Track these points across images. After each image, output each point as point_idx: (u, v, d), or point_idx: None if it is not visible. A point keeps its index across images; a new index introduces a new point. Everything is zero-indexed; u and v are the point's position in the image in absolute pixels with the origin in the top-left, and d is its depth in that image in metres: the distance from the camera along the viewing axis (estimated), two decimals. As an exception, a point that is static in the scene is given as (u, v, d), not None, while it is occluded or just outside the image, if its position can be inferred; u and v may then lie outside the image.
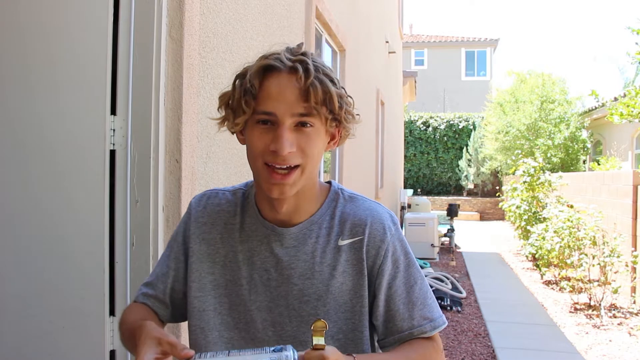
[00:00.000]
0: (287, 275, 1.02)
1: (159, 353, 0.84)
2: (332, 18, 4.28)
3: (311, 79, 0.91)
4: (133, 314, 1.05)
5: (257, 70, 0.94)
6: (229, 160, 2.13)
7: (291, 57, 0.94)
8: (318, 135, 0.96)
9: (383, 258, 1.03)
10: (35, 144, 1.67)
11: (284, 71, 0.93)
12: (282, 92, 0.92)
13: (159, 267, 1.11)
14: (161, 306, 1.09)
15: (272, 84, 0.93)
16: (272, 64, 0.93)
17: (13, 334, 1.66)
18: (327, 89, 0.92)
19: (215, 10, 1.95)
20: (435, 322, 1.04)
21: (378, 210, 1.06)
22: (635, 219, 6.21)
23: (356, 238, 1.03)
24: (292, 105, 0.92)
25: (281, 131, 0.92)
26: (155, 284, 1.09)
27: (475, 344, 4.95)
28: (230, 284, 1.05)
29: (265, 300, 1.02)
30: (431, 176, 19.64)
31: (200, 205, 1.10)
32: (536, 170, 8.77)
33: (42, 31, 1.67)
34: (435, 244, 9.06)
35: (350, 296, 1.02)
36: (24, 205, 1.68)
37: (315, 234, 1.03)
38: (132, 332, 0.95)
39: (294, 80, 0.92)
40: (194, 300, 1.05)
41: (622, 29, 60.01)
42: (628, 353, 4.68)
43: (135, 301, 1.11)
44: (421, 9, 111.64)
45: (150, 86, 1.64)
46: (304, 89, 0.91)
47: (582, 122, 14.42)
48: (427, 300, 1.05)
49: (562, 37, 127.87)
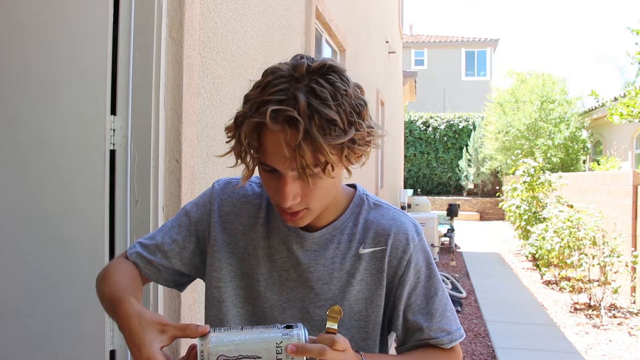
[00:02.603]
0: (305, 278, 1.01)
1: (164, 341, 0.80)
2: (332, 18, 4.28)
3: (298, 141, 0.81)
4: (120, 275, 1.01)
5: (252, 129, 0.86)
6: (229, 160, 2.13)
7: (280, 109, 0.82)
8: (325, 175, 0.89)
9: (405, 269, 1.02)
10: (35, 143, 1.67)
11: (272, 127, 0.83)
12: (277, 149, 0.85)
13: (163, 237, 1.07)
14: (152, 270, 1.06)
15: (267, 140, 0.86)
16: (262, 122, 0.84)
17: (13, 334, 1.66)
18: (318, 145, 0.82)
19: (215, 10, 1.95)
20: (453, 335, 1.03)
21: (402, 221, 1.04)
22: (635, 219, 6.21)
23: (378, 248, 1.02)
24: (289, 161, 0.85)
25: (282, 184, 0.88)
26: (154, 252, 1.06)
27: (475, 344, 4.95)
28: (247, 277, 1.04)
29: (280, 300, 1.02)
30: (431, 176, 19.65)
31: (225, 193, 1.08)
32: (536, 170, 8.78)
33: (42, 31, 1.67)
34: (435, 244, 9.06)
35: (366, 305, 1.02)
36: (24, 205, 1.68)
37: (337, 239, 1.02)
38: (112, 300, 0.91)
39: (281, 138, 0.83)
40: (214, 290, 1.04)
41: (622, 29, 60.04)
42: (628, 353, 4.68)
43: (126, 257, 1.07)
44: (421, 9, 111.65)
45: (150, 86, 1.64)
46: (293, 147, 0.83)
47: (582, 122, 14.42)
48: (447, 312, 1.04)
49: (562, 37, 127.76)
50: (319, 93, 0.83)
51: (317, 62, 0.87)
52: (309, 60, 0.88)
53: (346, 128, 0.84)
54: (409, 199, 11.66)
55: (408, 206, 11.18)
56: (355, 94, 0.88)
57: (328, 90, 0.84)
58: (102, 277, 1.02)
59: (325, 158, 0.84)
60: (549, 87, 15.08)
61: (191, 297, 1.74)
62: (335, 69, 0.87)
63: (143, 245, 1.07)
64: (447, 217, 10.97)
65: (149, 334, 0.80)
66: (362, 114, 0.87)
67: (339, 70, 0.88)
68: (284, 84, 0.85)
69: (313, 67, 0.86)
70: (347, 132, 0.84)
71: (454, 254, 9.38)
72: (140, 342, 0.78)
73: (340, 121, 0.83)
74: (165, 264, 1.06)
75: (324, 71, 0.86)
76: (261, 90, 0.86)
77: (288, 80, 0.85)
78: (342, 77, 0.87)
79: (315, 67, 0.86)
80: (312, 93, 0.83)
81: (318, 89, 0.83)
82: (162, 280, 1.09)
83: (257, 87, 0.88)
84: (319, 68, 0.86)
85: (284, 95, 0.83)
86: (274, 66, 0.89)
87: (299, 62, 0.87)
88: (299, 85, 0.84)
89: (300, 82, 0.84)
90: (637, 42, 7.58)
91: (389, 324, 1.07)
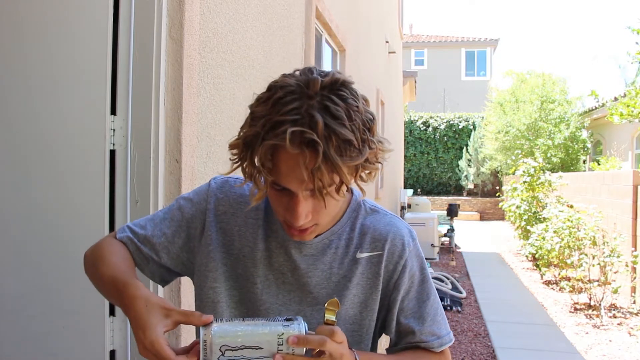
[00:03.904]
0: (303, 282, 1.01)
1: (168, 325, 0.81)
2: (332, 18, 4.28)
3: (318, 164, 0.80)
4: (119, 257, 1.00)
5: (266, 150, 0.83)
6: (229, 160, 2.13)
7: (300, 130, 0.80)
8: (339, 194, 0.89)
9: (400, 273, 1.03)
10: (35, 143, 1.67)
11: (291, 150, 0.81)
12: (294, 171, 0.83)
13: (153, 229, 1.06)
14: (141, 258, 1.05)
15: (282, 162, 0.84)
16: (279, 144, 0.82)
17: (13, 334, 1.66)
18: (336, 167, 0.81)
19: (215, 10, 1.95)
20: (443, 339, 1.05)
21: (398, 226, 1.06)
22: (635, 219, 6.21)
23: (375, 252, 1.03)
24: (304, 182, 0.84)
25: (295, 204, 0.87)
26: (143, 242, 1.05)
27: (475, 344, 4.95)
28: (242, 278, 1.03)
29: (277, 303, 1.02)
30: (431, 176, 19.65)
31: (222, 192, 1.07)
32: (536, 170, 8.78)
33: (42, 31, 1.67)
34: (435, 244, 9.06)
35: (360, 309, 1.03)
36: (24, 205, 1.68)
37: (334, 244, 1.03)
38: (115, 281, 0.91)
39: (300, 160, 0.81)
40: (209, 291, 1.03)
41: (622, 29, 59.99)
42: (628, 353, 4.68)
43: (120, 240, 1.05)
44: (421, 9, 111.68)
45: (150, 86, 1.64)
46: (310, 170, 0.82)
47: (582, 122, 14.42)
48: (437, 317, 1.06)
49: (562, 37, 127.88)
50: (334, 112, 0.81)
51: (327, 77, 0.85)
52: (320, 74, 0.85)
53: (360, 147, 0.83)
54: (409, 199, 11.66)
55: (408, 206, 11.18)
56: (364, 108, 0.87)
57: (342, 109, 0.82)
58: (99, 258, 1.01)
59: (342, 178, 0.83)
60: (549, 87, 15.08)
61: (191, 298, 1.74)
62: (346, 84, 0.86)
63: (133, 232, 1.06)
64: (447, 217, 10.97)
65: (154, 317, 0.81)
66: (372, 130, 0.87)
67: (349, 85, 0.87)
68: (296, 101, 0.82)
69: (325, 83, 0.84)
70: (362, 152, 0.84)
71: (454, 254, 9.38)
72: (145, 325, 0.80)
73: (355, 140, 0.82)
74: (153, 257, 1.05)
75: (336, 87, 0.84)
76: (271, 107, 0.83)
77: (299, 97, 0.82)
78: (352, 92, 0.86)
79: (326, 82, 0.84)
80: (327, 112, 0.81)
81: (333, 108, 0.82)
82: (148, 272, 1.07)
83: (264, 103, 0.85)
84: (331, 84, 0.84)
85: (297, 115, 0.81)
86: (282, 80, 0.86)
87: (311, 77, 0.84)
88: (312, 102, 0.82)
89: (313, 99, 0.82)
90: (638, 42, 7.59)
91: (381, 328, 1.08)
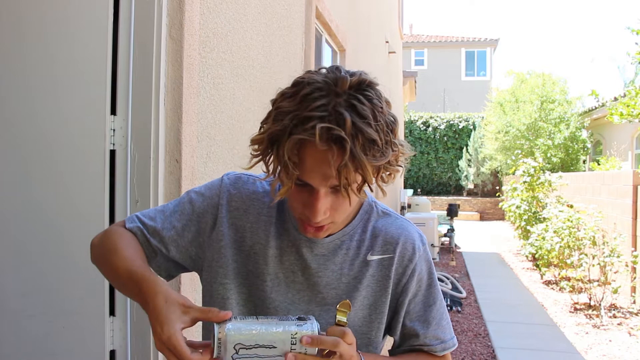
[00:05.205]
0: (314, 282, 1.02)
1: (186, 322, 0.82)
2: (332, 18, 4.28)
3: (345, 160, 0.82)
4: (132, 249, 0.99)
5: (293, 145, 0.83)
6: (229, 160, 2.13)
7: (328, 127, 0.81)
8: (360, 193, 0.90)
9: (409, 277, 1.04)
10: (35, 143, 1.67)
11: (320, 146, 0.82)
12: (320, 167, 0.84)
13: (163, 222, 1.05)
14: (150, 250, 1.04)
15: (307, 157, 0.84)
16: (307, 139, 0.82)
17: (13, 334, 1.66)
18: (361, 165, 0.82)
19: (215, 10, 1.95)
20: (446, 344, 1.06)
21: (410, 230, 1.06)
22: (635, 219, 6.21)
23: (386, 255, 1.03)
24: (327, 178, 0.85)
25: (315, 200, 0.88)
26: (153, 234, 1.04)
27: (475, 344, 4.95)
28: (252, 275, 1.03)
29: (285, 301, 1.02)
30: (431, 176, 19.65)
31: (235, 188, 1.06)
32: (536, 170, 8.78)
33: (42, 31, 1.67)
34: (435, 244, 9.06)
35: (370, 311, 1.04)
36: (23, 205, 1.68)
37: (346, 245, 1.03)
38: (131, 275, 0.91)
39: (329, 156, 0.82)
40: (219, 287, 1.03)
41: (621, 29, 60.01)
42: (628, 353, 4.68)
43: (129, 230, 1.04)
44: (421, 9, 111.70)
45: (150, 86, 1.64)
46: (337, 167, 0.83)
47: (582, 122, 14.42)
48: (442, 321, 1.07)
49: (562, 37, 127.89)
50: (361, 111, 0.82)
51: (355, 77, 0.85)
52: (347, 73, 0.86)
53: (384, 148, 0.85)
54: (409, 199, 11.66)
55: (408, 206, 11.18)
56: (387, 110, 0.88)
57: (368, 109, 0.83)
58: (111, 249, 1.00)
59: (365, 177, 0.84)
60: (549, 87, 15.08)
61: (191, 297, 1.74)
62: (372, 85, 0.87)
63: (143, 223, 1.05)
64: (447, 217, 10.97)
65: (173, 313, 0.81)
66: (395, 132, 0.88)
67: (375, 86, 0.87)
68: (323, 98, 0.83)
69: (352, 82, 0.84)
70: (385, 153, 0.85)
71: (454, 254, 9.38)
72: (164, 320, 0.81)
73: (380, 141, 0.83)
74: (161, 250, 1.05)
75: (363, 87, 0.85)
76: (299, 102, 0.84)
77: (327, 94, 0.83)
78: (377, 94, 0.87)
79: (354, 82, 0.85)
80: (354, 110, 0.82)
81: (360, 107, 0.83)
82: (155, 265, 1.07)
83: (291, 98, 0.85)
84: (358, 83, 0.85)
85: (325, 112, 0.82)
86: (309, 77, 0.86)
87: (340, 76, 0.85)
88: (339, 100, 0.83)
89: (340, 97, 0.83)
90: (637, 42, 7.59)
91: (387, 329, 1.08)
